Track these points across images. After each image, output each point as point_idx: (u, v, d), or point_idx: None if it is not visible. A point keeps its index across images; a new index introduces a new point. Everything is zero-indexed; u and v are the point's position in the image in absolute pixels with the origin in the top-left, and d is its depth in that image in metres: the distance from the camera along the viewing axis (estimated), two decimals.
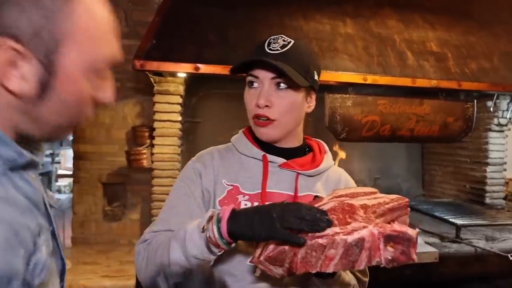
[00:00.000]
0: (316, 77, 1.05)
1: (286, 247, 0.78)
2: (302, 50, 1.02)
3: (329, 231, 0.77)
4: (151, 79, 2.29)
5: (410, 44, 2.60)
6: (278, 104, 1.00)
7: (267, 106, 0.99)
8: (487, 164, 3.11)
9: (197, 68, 2.04)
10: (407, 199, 0.89)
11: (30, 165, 0.62)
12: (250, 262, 0.87)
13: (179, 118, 2.50)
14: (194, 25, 2.27)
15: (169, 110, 2.47)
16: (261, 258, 0.80)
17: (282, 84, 0.99)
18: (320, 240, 0.76)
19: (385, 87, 2.42)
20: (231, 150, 1.13)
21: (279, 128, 1.02)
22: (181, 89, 2.44)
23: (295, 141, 1.11)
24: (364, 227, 0.77)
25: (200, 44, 2.19)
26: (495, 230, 2.61)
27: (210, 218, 0.85)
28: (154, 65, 2.04)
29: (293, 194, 1.05)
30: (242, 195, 1.04)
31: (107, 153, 3.01)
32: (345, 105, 2.46)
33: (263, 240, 0.82)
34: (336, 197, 0.88)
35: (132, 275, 2.26)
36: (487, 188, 3.12)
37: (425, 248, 2.20)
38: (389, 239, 0.75)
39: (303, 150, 1.13)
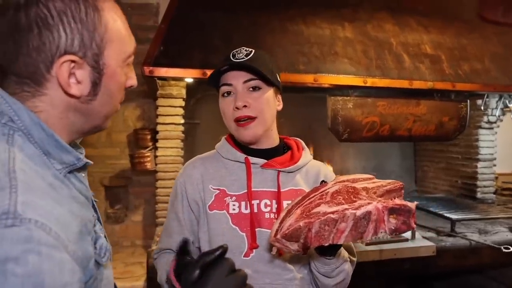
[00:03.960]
0: (279, 79, 1.15)
1: (301, 223, 0.85)
2: (264, 56, 1.12)
3: (339, 207, 0.86)
4: (158, 84, 2.31)
5: (406, 47, 2.65)
6: (254, 104, 1.08)
7: (245, 106, 1.08)
8: (478, 160, 3.19)
9: (204, 74, 2.07)
10: (401, 183, 1.00)
11: (83, 167, 0.74)
12: (268, 241, 0.94)
13: (182, 121, 2.52)
14: (200, 30, 2.28)
15: (172, 113, 2.49)
16: (278, 236, 0.87)
17: (254, 86, 1.09)
18: (332, 215, 0.84)
19: (383, 89, 2.48)
20: (216, 157, 1.21)
21: (261, 125, 1.11)
22: (183, 92, 2.46)
23: (272, 141, 1.19)
24: (369, 203, 0.86)
25: (206, 49, 2.20)
26: (487, 224, 2.70)
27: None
28: (162, 71, 2.05)
29: (276, 190, 1.13)
30: (229, 197, 1.12)
31: (109, 156, 3.01)
32: (346, 107, 2.50)
33: None
34: (339, 182, 0.98)
35: (140, 276, 2.28)
36: (478, 183, 3.21)
37: (422, 243, 2.28)
38: (392, 211, 0.84)
39: (281, 149, 1.22)
